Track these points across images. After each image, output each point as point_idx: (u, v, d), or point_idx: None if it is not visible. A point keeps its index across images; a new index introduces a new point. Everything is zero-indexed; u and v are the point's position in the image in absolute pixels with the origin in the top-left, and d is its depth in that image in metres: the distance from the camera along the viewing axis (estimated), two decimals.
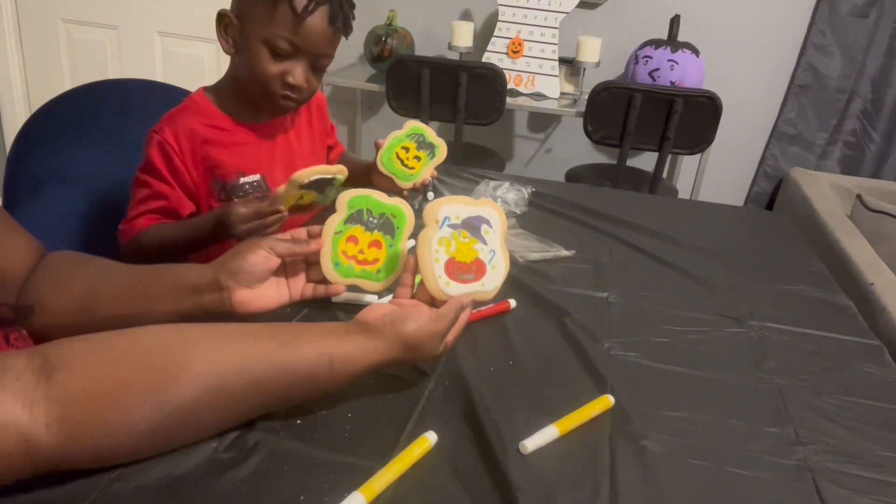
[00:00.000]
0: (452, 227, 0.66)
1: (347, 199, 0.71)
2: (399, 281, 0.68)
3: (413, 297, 0.68)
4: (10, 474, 0.47)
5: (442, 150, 1.08)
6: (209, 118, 0.97)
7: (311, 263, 0.73)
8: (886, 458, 0.66)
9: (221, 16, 0.92)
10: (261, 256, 0.66)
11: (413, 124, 1.07)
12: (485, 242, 0.68)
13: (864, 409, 0.73)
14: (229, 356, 0.54)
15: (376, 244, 0.72)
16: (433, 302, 0.66)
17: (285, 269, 0.72)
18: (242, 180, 0.99)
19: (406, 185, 1.06)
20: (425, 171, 1.08)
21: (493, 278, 0.67)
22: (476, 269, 0.66)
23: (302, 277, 0.73)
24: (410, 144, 1.06)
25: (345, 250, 0.71)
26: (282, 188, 0.81)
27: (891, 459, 0.66)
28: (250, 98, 0.97)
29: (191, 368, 0.52)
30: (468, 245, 0.67)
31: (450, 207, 0.66)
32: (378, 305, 0.65)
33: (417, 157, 1.07)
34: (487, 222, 0.68)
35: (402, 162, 1.06)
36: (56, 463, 0.48)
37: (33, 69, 2.70)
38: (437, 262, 0.65)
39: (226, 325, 0.57)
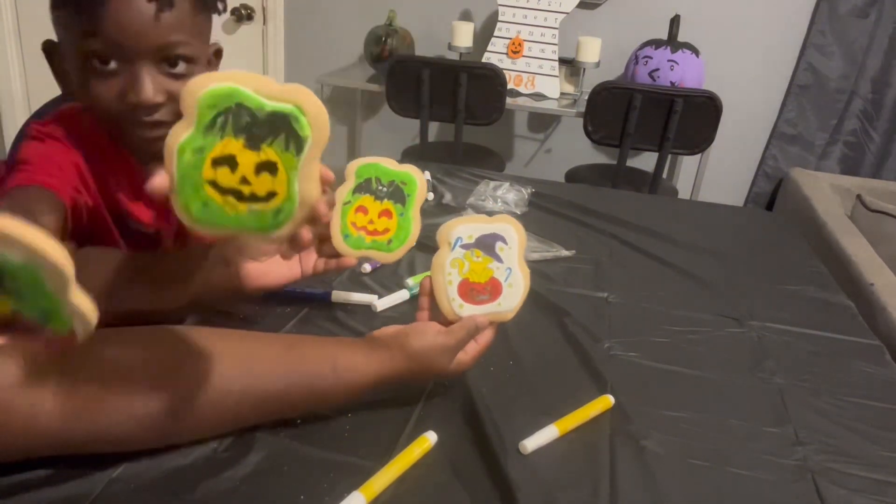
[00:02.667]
0: (465, 247, 0.64)
1: (356, 167, 0.66)
2: (417, 305, 0.66)
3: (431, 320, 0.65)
4: (12, 440, 0.48)
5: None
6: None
7: (323, 239, 0.67)
8: (887, 459, 0.66)
9: (47, 49, 0.66)
10: None
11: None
12: (500, 261, 0.65)
13: (864, 409, 0.73)
14: (232, 353, 0.55)
15: (387, 213, 0.68)
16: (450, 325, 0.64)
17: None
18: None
19: (277, 235, 0.57)
20: (304, 181, 0.60)
21: (510, 297, 0.65)
22: (491, 290, 0.64)
23: (313, 252, 0.70)
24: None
25: (354, 221, 0.67)
26: None
27: (891, 460, 0.66)
28: (122, 143, 0.68)
29: (193, 361, 0.53)
30: (482, 265, 0.65)
31: (463, 227, 0.65)
32: (389, 326, 0.64)
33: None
34: (503, 239, 0.65)
35: (233, 193, 0.63)
36: (55, 438, 0.49)
37: (33, 69, 2.70)
38: (449, 284, 0.63)
39: (234, 330, 0.59)
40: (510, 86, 2.23)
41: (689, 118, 1.90)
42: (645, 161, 2.45)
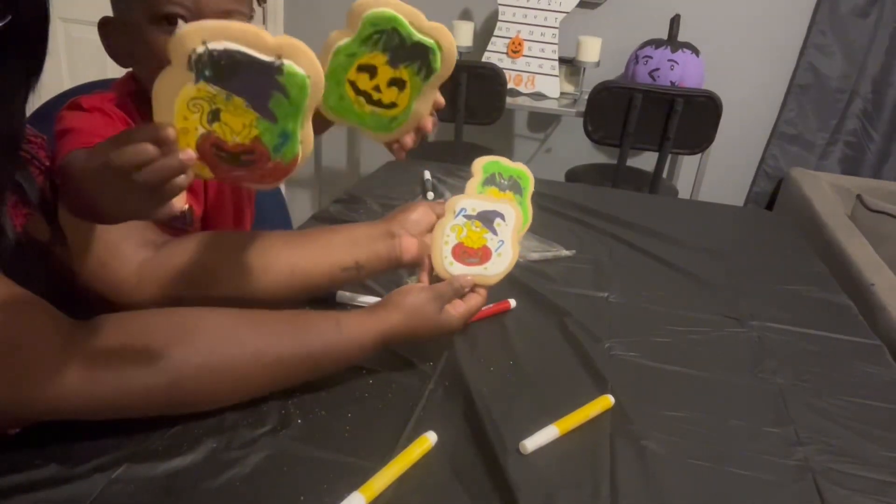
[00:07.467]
0: (467, 217, 0.73)
1: (482, 165, 0.76)
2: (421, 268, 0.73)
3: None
4: (41, 391, 0.50)
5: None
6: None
7: None
8: (887, 459, 0.66)
9: (104, 23, 0.75)
10: (422, 208, 0.76)
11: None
12: (495, 233, 0.73)
13: (864, 409, 0.73)
14: (244, 318, 0.60)
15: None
16: None
17: None
18: None
19: (386, 137, 0.62)
20: (421, 101, 0.59)
21: (497, 264, 0.72)
22: (482, 255, 0.72)
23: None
24: (376, 58, 0.56)
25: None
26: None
27: (892, 460, 0.66)
28: None
29: (208, 323, 0.58)
30: (478, 234, 0.72)
31: (469, 201, 0.73)
32: None
33: (396, 81, 0.58)
34: (502, 217, 0.73)
35: (365, 96, 0.58)
36: (80, 393, 0.51)
37: None
38: (446, 244, 0.71)
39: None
40: (510, 85, 2.23)
41: (690, 118, 1.90)
42: (645, 161, 2.45)
